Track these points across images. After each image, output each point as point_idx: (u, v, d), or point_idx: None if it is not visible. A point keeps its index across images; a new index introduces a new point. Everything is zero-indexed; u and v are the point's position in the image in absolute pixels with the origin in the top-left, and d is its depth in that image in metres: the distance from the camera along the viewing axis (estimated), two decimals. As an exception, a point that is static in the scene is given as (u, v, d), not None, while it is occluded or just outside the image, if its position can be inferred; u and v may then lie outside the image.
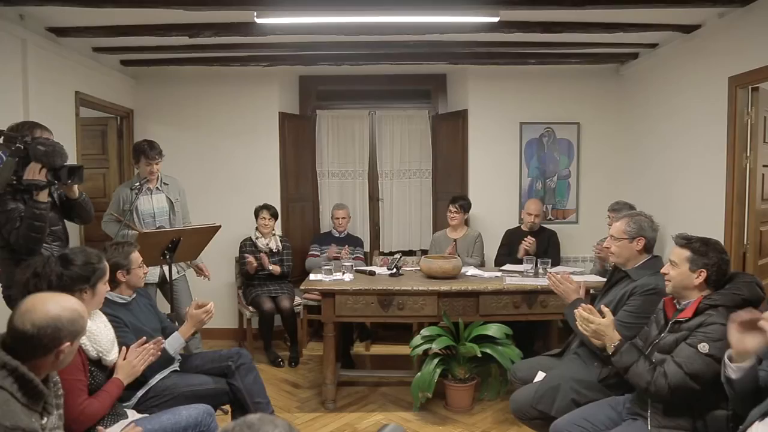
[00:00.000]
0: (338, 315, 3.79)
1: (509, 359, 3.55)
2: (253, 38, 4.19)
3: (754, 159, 3.72)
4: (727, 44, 3.77)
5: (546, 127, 5.41)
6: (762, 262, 3.89)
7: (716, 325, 2.11)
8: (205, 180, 5.32)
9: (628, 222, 2.78)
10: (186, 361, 3.01)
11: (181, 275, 4.22)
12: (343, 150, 5.73)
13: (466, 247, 4.86)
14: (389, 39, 4.33)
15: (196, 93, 5.36)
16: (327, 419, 3.73)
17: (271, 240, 4.95)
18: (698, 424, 2.17)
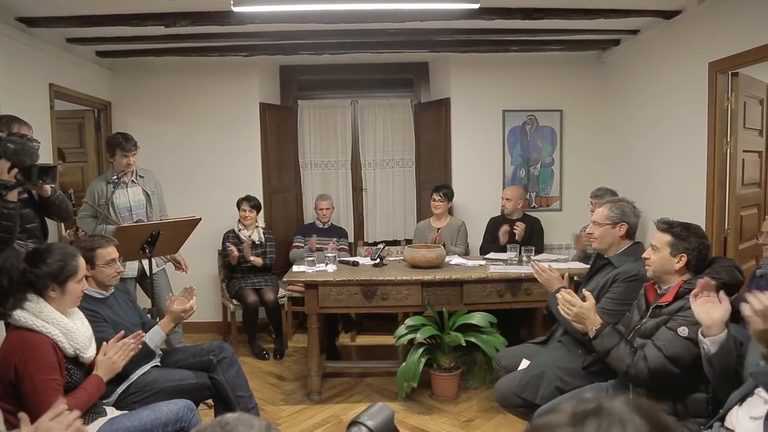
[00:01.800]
0: (322, 306, 3.76)
1: (494, 347, 3.55)
2: (230, 27, 4.12)
3: (734, 144, 3.74)
4: (707, 30, 3.77)
5: (529, 115, 5.40)
6: (743, 247, 3.92)
7: (696, 309, 2.11)
8: (186, 172, 5.25)
9: (611, 207, 2.78)
10: (167, 355, 2.97)
11: (161, 269, 4.17)
12: (325, 140, 5.68)
13: (449, 235, 4.85)
14: (369, 27, 4.28)
15: (175, 84, 5.27)
16: (312, 411, 3.72)
17: (254, 232, 4.91)
18: (679, 407, 2.18)
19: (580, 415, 0.71)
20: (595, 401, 0.73)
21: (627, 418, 0.70)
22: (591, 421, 0.70)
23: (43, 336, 2.06)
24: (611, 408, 0.71)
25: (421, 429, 3.45)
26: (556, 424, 0.72)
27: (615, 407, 0.72)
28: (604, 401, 0.73)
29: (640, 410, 0.72)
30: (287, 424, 3.53)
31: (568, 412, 0.73)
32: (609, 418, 0.70)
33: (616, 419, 0.70)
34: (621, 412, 0.71)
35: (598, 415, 0.70)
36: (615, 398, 0.73)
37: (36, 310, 2.08)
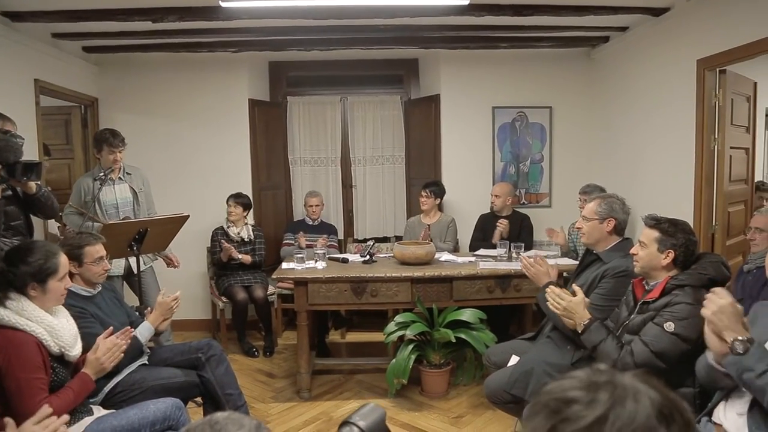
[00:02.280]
0: (311, 303, 3.75)
1: (483, 344, 3.55)
2: (219, 23, 4.08)
3: (722, 141, 3.76)
4: (695, 27, 3.79)
5: (518, 112, 5.41)
6: (730, 243, 3.95)
7: (682, 305, 2.13)
8: (174, 169, 5.21)
9: (600, 203, 2.79)
10: (155, 354, 2.95)
11: (148, 267, 4.14)
12: (315, 137, 5.66)
13: (439, 232, 4.85)
14: (359, 23, 4.26)
15: (163, 80, 5.23)
16: (302, 408, 3.71)
17: (243, 229, 4.88)
18: (666, 403, 2.19)
19: (593, 384, 0.74)
20: (607, 374, 0.75)
21: (640, 389, 0.73)
22: (604, 390, 0.72)
23: (27, 334, 2.03)
24: (623, 381, 0.74)
25: (411, 425, 3.45)
26: (570, 386, 0.74)
27: (626, 381, 0.74)
28: (615, 375, 0.75)
29: (650, 384, 0.74)
30: (277, 422, 3.52)
31: (582, 378, 0.75)
32: (622, 389, 0.72)
33: (630, 391, 0.72)
34: (633, 385, 0.73)
35: (611, 386, 0.73)
36: (624, 374, 0.76)
37: (19, 308, 2.05)
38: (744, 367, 1.68)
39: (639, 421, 0.69)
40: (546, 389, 0.77)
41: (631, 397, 0.71)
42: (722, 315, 1.75)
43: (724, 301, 1.75)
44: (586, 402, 0.71)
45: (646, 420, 0.69)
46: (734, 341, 1.71)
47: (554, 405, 0.73)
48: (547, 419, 0.73)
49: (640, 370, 0.77)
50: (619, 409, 0.70)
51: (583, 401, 0.72)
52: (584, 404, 0.71)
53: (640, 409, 0.70)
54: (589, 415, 0.70)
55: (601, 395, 0.72)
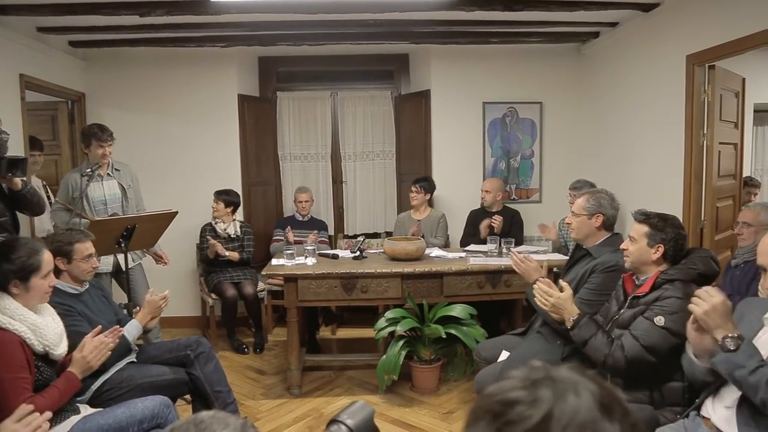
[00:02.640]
0: (301, 300, 3.73)
1: (474, 339, 3.55)
2: (207, 17, 4.05)
3: (710, 136, 3.77)
4: (684, 22, 3.80)
5: (509, 107, 5.40)
6: (719, 237, 3.96)
7: (672, 299, 2.14)
8: (163, 165, 5.16)
9: (588, 199, 2.79)
10: (143, 351, 2.92)
11: (137, 264, 4.10)
12: (305, 132, 5.63)
13: (430, 227, 4.84)
14: (349, 18, 4.23)
15: (151, 75, 5.17)
16: (292, 405, 3.69)
17: (230, 225, 4.85)
18: (655, 396, 2.21)
19: (533, 381, 0.72)
20: (543, 370, 0.74)
21: (579, 381, 0.71)
22: (545, 386, 0.71)
23: (9, 333, 2.00)
24: (560, 375, 0.72)
25: (401, 421, 3.44)
26: (510, 387, 0.72)
27: (564, 374, 0.73)
28: (551, 370, 0.74)
29: (588, 376, 0.73)
30: (267, 419, 3.50)
31: (520, 377, 0.73)
32: (562, 384, 0.71)
33: (569, 384, 0.71)
34: (571, 377, 0.72)
35: (551, 381, 0.71)
36: (560, 368, 0.75)
37: (1, 306, 2.02)
38: (735, 364, 1.67)
39: (582, 415, 0.68)
40: (485, 392, 0.74)
41: (572, 390, 0.70)
42: (714, 313, 1.75)
43: (716, 300, 1.75)
44: (529, 401, 0.69)
45: (588, 412, 0.68)
46: (725, 338, 1.72)
47: (496, 408, 0.71)
48: (490, 424, 0.70)
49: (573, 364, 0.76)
50: (562, 404, 0.68)
51: (525, 401, 0.69)
52: (527, 404, 0.69)
53: (582, 402, 0.69)
54: (534, 414, 0.68)
55: (543, 392, 0.70)
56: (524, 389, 0.71)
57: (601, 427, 0.68)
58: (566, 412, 0.68)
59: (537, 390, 0.70)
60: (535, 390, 0.70)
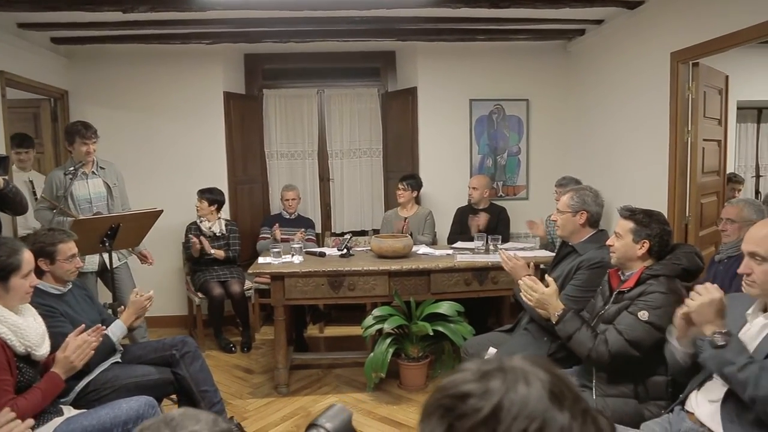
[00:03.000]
0: (288, 298, 3.71)
1: (461, 336, 3.56)
2: (192, 14, 4.00)
3: (694, 133, 3.80)
4: (669, 20, 3.82)
5: (495, 104, 5.41)
6: (703, 233, 3.99)
7: (656, 294, 2.16)
8: (148, 163, 5.12)
9: (572, 196, 2.80)
10: (128, 351, 2.90)
11: (123, 263, 4.06)
12: (291, 130, 5.60)
13: (417, 225, 4.85)
14: (334, 14, 4.22)
15: (136, 72, 5.12)
16: (280, 404, 3.68)
17: (215, 224, 4.81)
18: (639, 390, 2.22)
19: (485, 373, 0.72)
20: (495, 361, 0.74)
21: (529, 370, 0.72)
22: (496, 377, 0.71)
23: (-11, 334, 1.97)
24: (512, 365, 0.73)
25: (389, 419, 3.44)
26: (462, 380, 0.72)
27: (515, 364, 0.73)
28: (503, 360, 0.74)
29: (539, 364, 0.74)
30: (254, 418, 3.49)
31: (473, 370, 0.74)
32: (513, 373, 0.71)
33: (520, 374, 0.71)
34: (522, 367, 0.73)
35: (502, 372, 0.72)
36: (512, 358, 0.76)
37: (-20, 307, 1.99)
38: (725, 360, 1.68)
39: (532, 404, 0.68)
40: (438, 386, 0.75)
41: (522, 380, 0.70)
42: (708, 309, 1.75)
43: (715, 296, 1.75)
44: (480, 393, 0.70)
45: (538, 402, 0.69)
46: (714, 334, 1.72)
47: (448, 403, 0.71)
48: (443, 419, 0.71)
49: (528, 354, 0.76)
50: (512, 394, 0.69)
51: (477, 393, 0.70)
52: (479, 396, 0.70)
53: (532, 391, 0.69)
54: (485, 406, 0.68)
55: (494, 383, 0.70)
56: (476, 382, 0.71)
57: (551, 415, 0.68)
58: (516, 402, 0.68)
59: (488, 382, 0.71)
60: (486, 382, 0.71)
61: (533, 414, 0.68)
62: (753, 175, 6.60)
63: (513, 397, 0.69)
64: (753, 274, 1.76)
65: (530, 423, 0.67)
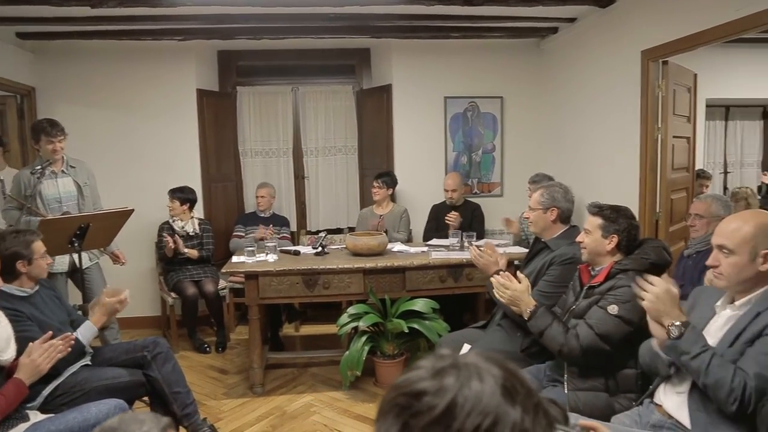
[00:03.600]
0: (262, 297, 3.68)
1: (437, 333, 3.57)
2: (162, 9, 3.94)
3: (665, 130, 3.86)
4: (639, 18, 3.87)
5: (470, 102, 5.43)
6: (673, 229, 4.07)
7: (625, 288, 2.19)
8: (119, 162, 5.03)
9: (543, 193, 2.83)
10: (98, 353, 2.84)
11: (94, 263, 3.99)
12: (266, 128, 5.55)
13: (392, 222, 4.85)
14: (308, 11, 4.19)
15: (106, 69, 5.02)
16: (255, 404, 3.65)
17: (188, 223, 4.75)
18: (610, 383, 2.26)
19: (440, 369, 0.73)
20: (450, 358, 0.76)
21: (483, 367, 0.73)
22: (450, 373, 0.72)
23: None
24: (466, 362, 0.74)
25: (365, 417, 3.44)
26: (417, 378, 0.73)
27: (469, 360, 0.75)
28: (458, 356, 0.76)
29: (492, 360, 0.75)
30: (229, 418, 3.46)
31: (427, 367, 0.75)
32: (466, 370, 0.73)
33: (473, 369, 0.73)
34: (476, 363, 0.74)
35: (456, 369, 0.73)
36: (467, 354, 0.77)
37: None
38: (680, 350, 1.73)
39: (486, 400, 0.70)
40: (394, 384, 0.75)
41: (476, 376, 0.72)
42: (658, 302, 1.80)
43: (658, 289, 1.80)
44: (435, 391, 0.71)
45: (491, 398, 0.70)
46: (670, 326, 1.76)
47: (403, 401, 0.72)
48: (398, 417, 0.72)
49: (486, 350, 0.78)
50: (466, 391, 0.70)
51: (431, 391, 0.71)
52: (433, 393, 0.70)
53: (485, 387, 0.71)
54: (439, 403, 0.69)
55: (448, 380, 0.71)
56: (430, 379, 0.72)
57: (503, 411, 0.70)
58: (470, 398, 0.70)
59: (442, 379, 0.72)
60: (440, 379, 0.72)
61: (486, 410, 0.69)
62: (721, 171, 6.74)
63: (467, 394, 0.70)
64: (720, 267, 1.80)
65: (484, 419, 0.69)
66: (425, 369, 0.74)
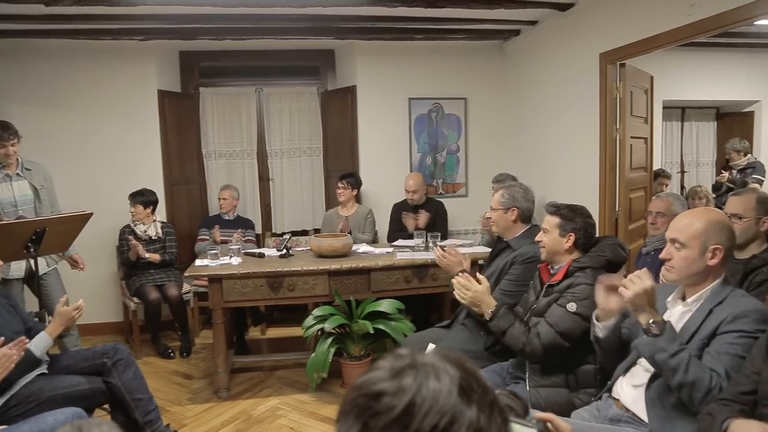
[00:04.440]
0: (226, 300, 3.64)
1: (402, 333, 3.58)
2: (121, 8, 3.86)
3: (623, 131, 3.95)
4: (598, 22, 3.96)
5: (434, 103, 5.48)
6: (632, 227, 4.16)
7: (583, 286, 2.24)
8: (78, 164, 4.91)
9: (503, 193, 2.87)
10: (55, 362, 2.77)
11: (52, 269, 3.88)
12: (229, 129, 5.49)
13: (357, 223, 4.85)
14: (270, 12, 4.16)
15: (64, 69, 4.88)
16: (220, 408, 3.61)
17: (150, 227, 4.66)
18: (570, 379, 2.30)
19: (398, 369, 0.74)
20: (409, 357, 0.77)
21: (440, 366, 0.74)
22: (408, 373, 0.73)
23: None
24: (423, 361, 0.76)
25: (332, 419, 3.42)
26: (376, 379, 0.74)
27: (427, 360, 0.76)
28: (416, 356, 0.77)
29: (449, 359, 0.76)
30: (194, 424, 3.41)
31: (386, 368, 0.76)
32: (424, 368, 0.74)
33: (431, 369, 0.74)
34: (433, 363, 0.75)
35: (414, 369, 0.74)
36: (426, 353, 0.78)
37: None
38: (658, 348, 1.74)
39: (443, 400, 0.71)
40: (354, 385, 0.76)
41: (433, 376, 0.73)
42: (642, 297, 1.80)
43: (647, 284, 1.80)
44: (393, 392, 0.72)
45: (448, 397, 0.71)
46: (650, 323, 1.78)
47: (363, 402, 0.73)
48: (358, 417, 0.73)
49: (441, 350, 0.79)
50: (424, 391, 0.71)
51: (390, 392, 0.72)
52: (392, 394, 0.72)
53: (442, 387, 0.72)
54: (398, 404, 0.71)
55: (406, 381, 0.72)
56: (389, 380, 0.73)
57: (460, 410, 0.71)
58: (427, 399, 0.71)
59: (401, 379, 0.73)
60: (399, 379, 0.73)
61: (443, 409, 0.70)
62: (678, 171, 6.94)
63: (425, 394, 0.71)
64: (672, 260, 1.86)
65: (441, 418, 0.70)
66: (384, 370, 0.75)
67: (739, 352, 1.69)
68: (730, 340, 1.72)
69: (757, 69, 6.08)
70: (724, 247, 1.82)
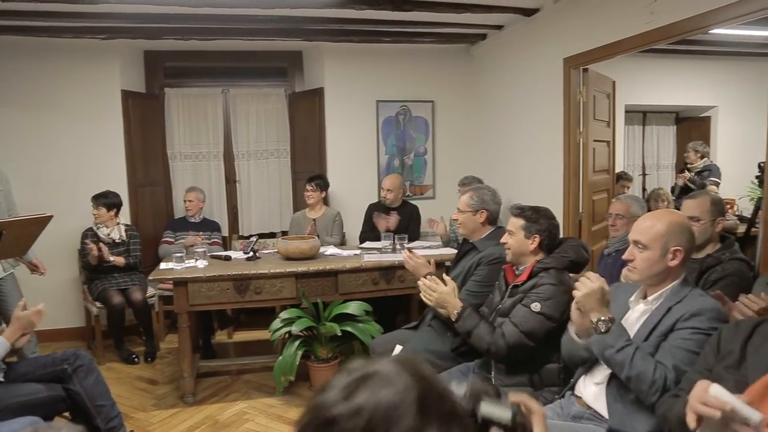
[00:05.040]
0: (192, 304, 3.59)
1: (370, 335, 3.58)
2: (82, 6, 3.77)
3: (586, 135, 4.04)
4: (562, 27, 4.04)
5: (402, 105, 5.50)
6: (595, 228, 4.25)
7: (546, 286, 2.28)
8: (38, 166, 4.78)
9: (472, 195, 2.90)
10: (12, 369, 2.67)
11: (9, 273, 3.76)
12: (195, 130, 5.41)
13: (325, 226, 4.84)
14: (237, 12, 4.12)
15: (23, 67, 4.74)
16: (186, 414, 3.55)
17: (114, 229, 4.57)
18: (535, 378, 2.34)
19: (351, 386, 0.72)
20: (360, 369, 0.75)
21: (393, 376, 0.73)
22: (361, 389, 0.72)
23: None
24: (376, 371, 0.74)
25: (299, 423, 3.40)
26: (331, 402, 0.72)
27: (380, 369, 0.74)
28: (368, 366, 0.75)
29: (403, 366, 0.75)
30: (159, 430, 3.35)
31: (340, 386, 0.74)
32: (377, 380, 0.72)
33: (384, 380, 0.72)
34: (387, 373, 0.73)
35: (367, 382, 0.72)
36: (379, 361, 0.76)
37: None
38: (606, 344, 1.81)
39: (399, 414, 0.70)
40: (308, 407, 0.75)
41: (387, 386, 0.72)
42: (590, 298, 1.87)
43: (594, 285, 1.86)
44: (348, 415, 0.70)
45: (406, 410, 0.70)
46: (598, 321, 1.84)
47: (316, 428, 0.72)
48: None
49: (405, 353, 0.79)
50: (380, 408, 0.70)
51: (345, 416, 0.70)
52: (347, 418, 0.70)
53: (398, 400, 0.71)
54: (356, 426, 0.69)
55: (360, 397, 0.71)
56: (343, 401, 0.71)
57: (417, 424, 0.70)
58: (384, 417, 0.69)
59: (354, 398, 0.71)
60: (352, 399, 0.71)
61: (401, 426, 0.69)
62: (640, 173, 7.11)
63: (381, 411, 0.70)
64: (635, 261, 1.92)
65: None
66: (337, 389, 0.73)
67: (693, 348, 1.75)
68: (684, 336, 1.78)
69: (714, 75, 6.30)
70: (684, 249, 1.89)
